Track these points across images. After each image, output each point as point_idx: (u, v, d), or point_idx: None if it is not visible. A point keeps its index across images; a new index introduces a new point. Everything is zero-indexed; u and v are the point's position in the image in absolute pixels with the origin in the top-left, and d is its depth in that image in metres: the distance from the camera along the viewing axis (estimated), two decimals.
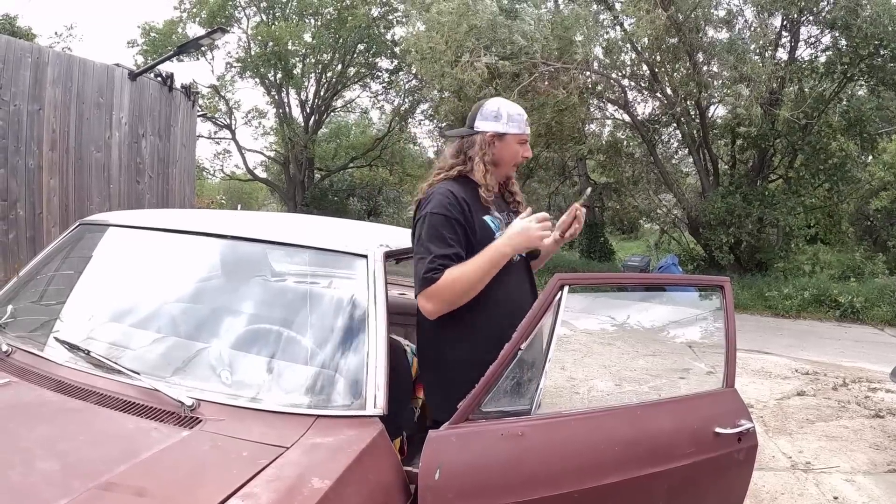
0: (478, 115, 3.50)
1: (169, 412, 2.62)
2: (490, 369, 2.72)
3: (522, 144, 3.49)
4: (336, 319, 3.10)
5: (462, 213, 3.22)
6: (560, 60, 18.82)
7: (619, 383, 8.93)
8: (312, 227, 4.07)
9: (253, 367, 2.97)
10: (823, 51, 21.17)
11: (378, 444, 2.58)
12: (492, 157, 3.42)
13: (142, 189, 9.05)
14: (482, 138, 3.43)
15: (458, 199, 3.23)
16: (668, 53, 20.62)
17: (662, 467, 3.07)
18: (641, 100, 23.00)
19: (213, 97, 31.66)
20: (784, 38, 21.28)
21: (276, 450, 2.40)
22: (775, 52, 20.96)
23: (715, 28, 20.61)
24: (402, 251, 3.50)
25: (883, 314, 17.24)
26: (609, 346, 10.72)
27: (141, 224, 3.73)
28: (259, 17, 30.28)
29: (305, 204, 30.91)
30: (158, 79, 9.56)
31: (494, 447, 2.68)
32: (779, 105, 19.94)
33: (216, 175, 36.72)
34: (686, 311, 5.17)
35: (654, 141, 22.70)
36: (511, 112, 3.46)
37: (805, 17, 20.29)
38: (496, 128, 3.43)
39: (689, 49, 19.69)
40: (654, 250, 26.94)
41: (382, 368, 2.80)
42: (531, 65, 18.70)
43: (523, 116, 3.51)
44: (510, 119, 3.45)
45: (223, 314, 3.31)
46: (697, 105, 20.67)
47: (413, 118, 32.76)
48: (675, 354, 10.18)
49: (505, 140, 3.44)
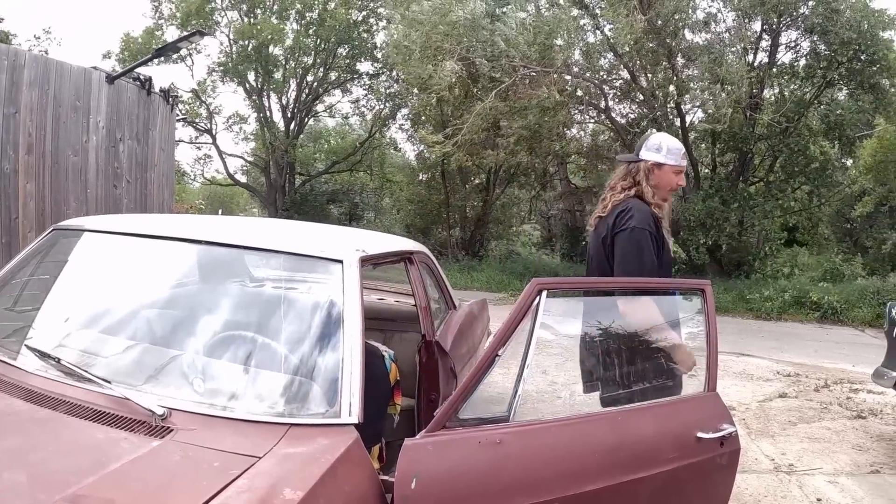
0: (643, 145, 4.24)
1: (140, 421, 2.56)
2: (467, 376, 2.69)
3: (678, 174, 4.16)
4: (311, 325, 3.04)
5: (657, 228, 4.00)
6: (540, 64, 18.84)
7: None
8: (289, 231, 4.03)
9: (226, 374, 2.92)
10: (804, 56, 21.32)
11: (353, 453, 2.52)
12: (654, 182, 4.12)
13: (119, 194, 8.95)
14: (645, 165, 4.15)
15: (654, 217, 4.02)
16: (648, 57, 20.70)
17: (644, 473, 3.04)
18: (621, 104, 23.07)
19: (193, 102, 31.54)
20: (764, 42, 21.41)
21: (248, 460, 2.35)
22: (755, 56, 21.08)
23: (694, 32, 20.67)
24: (380, 256, 3.46)
25: (863, 315, 17.36)
26: None
27: (115, 229, 3.67)
28: (239, 20, 30.19)
29: (286, 208, 30.82)
30: (136, 82, 9.45)
31: (472, 455, 2.63)
32: (759, 109, 20.05)
33: (197, 180, 36.58)
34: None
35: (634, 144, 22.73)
36: (670, 146, 4.17)
37: (784, 22, 20.41)
38: (657, 158, 4.14)
39: (668, 53, 19.75)
40: None
41: (357, 375, 2.74)
42: (511, 68, 18.71)
43: (681, 151, 4.17)
44: (669, 152, 4.14)
45: (197, 320, 3.25)
46: (677, 108, 20.75)
47: (394, 122, 32.76)
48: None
49: (663, 169, 4.13)
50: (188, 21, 27.48)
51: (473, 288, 20.98)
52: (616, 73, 22.14)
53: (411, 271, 4.22)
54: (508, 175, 28.34)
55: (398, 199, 32.46)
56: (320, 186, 35.44)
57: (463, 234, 29.18)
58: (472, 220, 29.39)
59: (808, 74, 20.74)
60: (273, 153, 31.39)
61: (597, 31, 21.71)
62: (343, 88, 32.94)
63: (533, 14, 21.73)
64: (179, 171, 32.01)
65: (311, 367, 2.87)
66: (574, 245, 28.68)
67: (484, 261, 26.77)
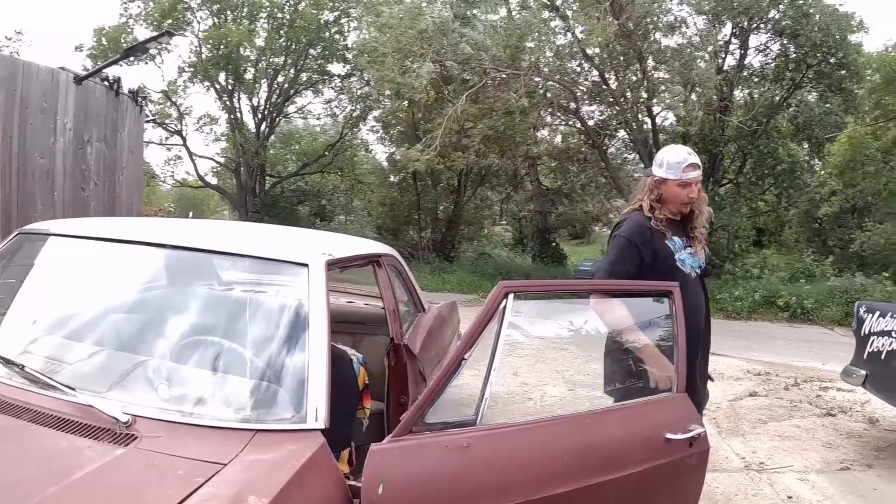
0: (654, 160, 4.39)
1: (104, 429, 2.53)
2: (433, 380, 2.68)
3: (684, 187, 4.23)
4: (276, 330, 3.03)
5: (643, 237, 4.18)
6: (511, 66, 18.87)
7: (572, 388, 8.91)
8: (255, 235, 4.01)
9: (191, 380, 2.89)
10: (774, 58, 21.51)
11: (319, 458, 2.50)
12: (657, 196, 4.27)
13: (87, 196, 8.86)
14: (650, 181, 4.31)
15: (642, 228, 4.21)
16: (619, 60, 20.78)
17: (614, 475, 3.05)
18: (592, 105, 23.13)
19: (164, 103, 31.29)
20: (733, 46, 21.56)
21: (213, 467, 2.32)
22: (725, 59, 21.23)
23: (664, 35, 20.80)
24: (347, 259, 3.44)
25: (832, 314, 17.55)
26: (562, 351, 10.69)
27: (81, 233, 3.63)
28: (211, 21, 30.01)
29: (256, 210, 30.61)
30: (105, 83, 9.36)
31: (439, 459, 2.62)
32: (729, 111, 20.19)
33: (166, 182, 36.30)
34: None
35: (604, 146, 22.84)
36: (670, 160, 4.26)
37: (755, 26, 20.58)
38: (659, 173, 4.27)
39: (639, 56, 19.84)
40: None
41: (324, 380, 2.72)
42: (482, 70, 18.72)
43: (682, 164, 4.22)
44: (668, 167, 4.24)
45: (161, 326, 3.22)
46: (648, 111, 20.86)
47: (364, 124, 32.66)
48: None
49: (667, 184, 4.24)
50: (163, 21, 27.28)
51: (444, 290, 20.97)
52: (586, 76, 22.20)
53: (379, 274, 4.21)
54: (479, 177, 28.32)
55: (369, 200, 32.35)
56: (291, 188, 35.28)
57: (434, 235, 29.13)
58: (443, 221, 29.35)
59: (778, 77, 20.93)
60: (244, 155, 31.17)
61: (568, 33, 21.77)
62: (314, 90, 32.80)
63: (504, 17, 21.79)
64: (149, 173, 31.70)
65: (277, 372, 2.85)
66: (545, 246, 28.69)
67: (455, 262, 26.76)
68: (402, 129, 26.97)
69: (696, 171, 4.25)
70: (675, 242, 4.25)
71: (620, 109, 20.90)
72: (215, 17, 29.93)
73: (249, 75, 30.57)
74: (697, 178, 4.26)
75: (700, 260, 4.36)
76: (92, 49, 28.27)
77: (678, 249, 4.26)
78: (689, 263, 4.28)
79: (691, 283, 4.21)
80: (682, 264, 4.25)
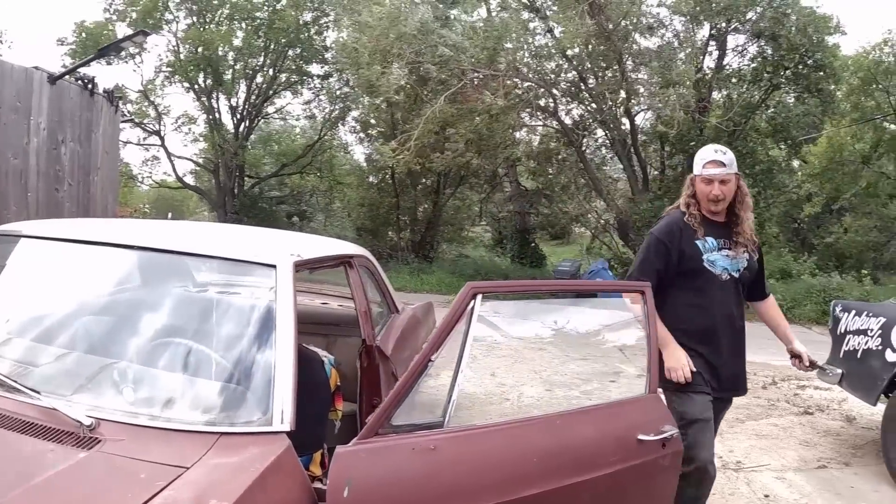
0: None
1: (67, 433, 2.50)
2: (399, 381, 2.66)
3: (707, 184, 4.34)
4: (243, 332, 3.00)
5: (671, 236, 4.34)
6: (489, 67, 18.87)
7: (549, 388, 8.91)
8: (225, 236, 3.98)
9: (156, 382, 2.86)
10: (751, 59, 21.63)
11: (284, 461, 2.48)
12: (692, 193, 4.43)
13: (61, 197, 8.78)
14: (689, 178, 4.51)
15: (673, 227, 4.38)
16: (597, 60, 20.82)
17: (585, 476, 3.05)
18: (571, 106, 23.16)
19: (141, 102, 31.12)
20: (711, 47, 21.65)
21: (175, 470, 2.30)
22: (703, 60, 21.32)
23: (643, 36, 20.85)
24: (317, 260, 3.42)
25: (809, 313, 17.67)
26: (540, 351, 10.70)
27: (51, 235, 3.60)
28: (190, 20, 29.89)
29: (235, 211, 30.44)
30: (80, 83, 9.29)
31: (406, 462, 2.60)
32: (707, 112, 20.28)
33: (144, 182, 36.08)
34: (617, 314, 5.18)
35: (583, 147, 22.89)
36: (697, 157, 4.45)
37: (733, 27, 20.68)
38: (694, 171, 4.44)
39: (617, 56, 19.89)
40: (585, 255, 27.12)
41: (290, 382, 2.69)
42: (460, 71, 18.72)
43: (705, 160, 4.37)
44: (696, 163, 4.43)
45: (128, 328, 3.19)
46: (626, 111, 20.91)
47: (344, 125, 32.59)
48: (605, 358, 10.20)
49: (696, 180, 4.41)
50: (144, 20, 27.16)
51: (423, 290, 20.94)
52: (565, 76, 22.22)
53: (351, 275, 4.18)
54: (459, 177, 28.29)
55: (348, 201, 32.24)
56: (270, 189, 35.15)
57: (413, 236, 29.07)
58: (422, 222, 29.30)
59: (756, 78, 21.03)
60: (222, 155, 31.03)
61: (547, 33, 21.78)
62: (293, 90, 32.71)
63: (482, 17, 21.79)
64: (127, 174, 31.52)
65: (243, 375, 2.83)
66: (524, 247, 28.71)
67: (434, 263, 26.73)
68: (381, 129, 26.90)
69: (719, 169, 4.31)
70: (706, 243, 4.34)
71: (599, 110, 20.93)
72: (194, 16, 29.80)
73: (228, 76, 30.45)
74: (718, 176, 4.31)
75: (739, 264, 4.40)
76: (73, 45, 28.09)
77: (709, 250, 4.34)
78: (720, 265, 4.35)
79: (720, 284, 4.35)
80: (711, 265, 4.33)
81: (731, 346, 4.40)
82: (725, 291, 4.36)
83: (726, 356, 4.37)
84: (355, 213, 30.80)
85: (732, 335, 4.42)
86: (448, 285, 22.18)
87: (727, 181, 4.32)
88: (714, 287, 4.33)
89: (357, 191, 30.63)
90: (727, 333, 4.37)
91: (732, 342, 4.42)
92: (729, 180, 4.33)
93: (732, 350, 4.42)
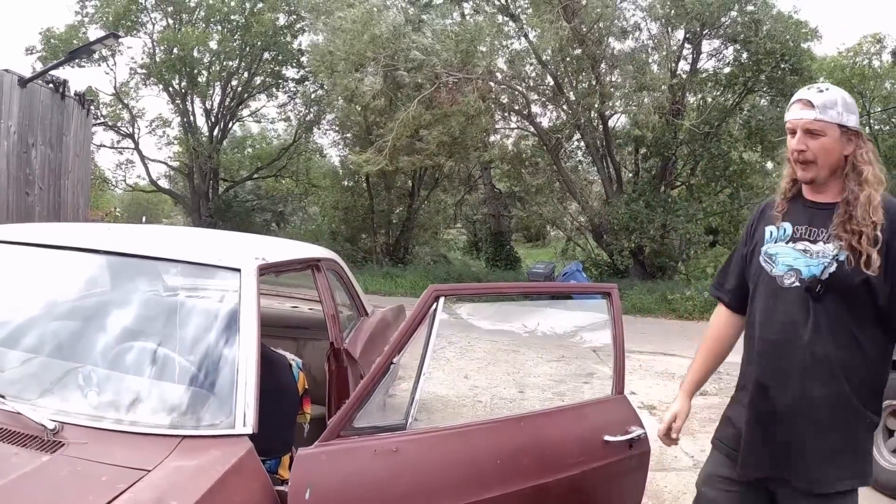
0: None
1: (31, 436, 2.49)
2: (361, 383, 2.68)
3: (791, 135, 2.85)
4: (206, 335, 3.00)
5: (749, 225, 3.13)
6: (463, 71, 18.93)
7: (522, 390, 8.96)
8: (191, 240, 3.98)
9: (120, 386, 2.85)
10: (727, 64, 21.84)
11: (245, 464, 2.49)
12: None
13: (32, 201, 8.76)
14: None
15: (760, 211, 3.10)
16: (572, 64, 20.93)
17: (550, 478, 3.06)
18: (545, 110, 23.27)
19: (115, 105, 30.97)
20: (686, 51, 21.82)
21: (137, 473, 2.30)
22: (678, 64, 21.48)
23: (618, 39, 21.02)
24: (282, 264, 3.44)
25: None
26: (514, 353, 10.76)
27: (15, 239, 3.59)
28: (165, 22, 29.78)
29: (210, 215, 30.33)
30: (51, 85, 9.26)
31: (368, 464, 2.62)
32: (681, 115, 20.43)
33: (118, 186, 35.90)
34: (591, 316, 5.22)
35: (558, 150, 23.00)
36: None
37: (708, 32, 20.85)
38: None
39: (592, 60, 20.00)
40: (559, 257, 27.21)
41: (252, 385, 2.70)
42: (433, 75, 18.76)
43: (794, 99, 2.88)
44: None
45: (92, 332, 3.18)
46: (600, 115, 21.04)
47: (318, 128, 32.56)
48: (579, 360, 10.26)
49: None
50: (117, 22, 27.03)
51: (397, 293, 20.93)
52: (541, 80, 22.32)
53: (318, 279, 4.20)
54: (433, 180, 28.31)
55: (323, 205, 32.17)
56: (245, 192, 35.10)
57: (388, 239, 29.06)
58: (397, 225, 29.30)
59: (730, 82, 21.22)
60: (197, 158, 30.90)
61: (522, 37, 21.88)
62: (268, 93, 32.65)
63: (456, 21, 21.84)
64: (101, 177, 31.37)
65: (206, 378, 2.83)
66: (499, 250, 28.77)
67: (409, 266, 26.74)
68: (355, 132, 26.87)
69: (805, 112, 2.79)
70: (774, 231, 2.93)
71: (573, 113, 21.03)
72: (170, 18, 29.70)
73: (203, 78, 30.35)
74: (800, 123, 2.79)
75: (821, 264, 2.74)
76: (41, 52, 27.92)
77: (772, 240, 2.92)
78: (782, 263, 2.86)
79: (777, 292, 2.85)
80: (767, 261, 2.91)
81: (788, 406, 2.78)
82: (788, 306, 2.80)
83: (766, 420, 2.86)
84: (330, 216, 30.73)
85: (795, 384, 2.77)
86: (422, 288, 21.94)
87: (818, 133, 2.75)
88: (767, 297, 2.89)
89: (332, 194, 30.54)
90: (781, 380, 2.81)
91: (793, 399, 2.77)
92: (821, 132, 2.75)
93: (790, 412, 2.78)
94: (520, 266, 28.03)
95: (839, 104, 2.74)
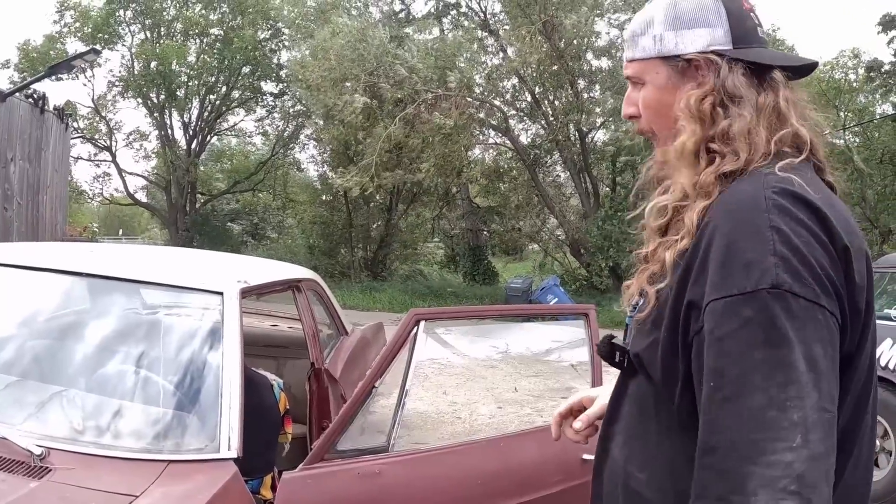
0: None
1: (18, 462, 2.49)
2: (344, 407, 2.72)
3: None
4: (190, 359, 3.02)
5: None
6: (442, 87, 19.02)
7: (500, 406, 8.98)
8: (173, 262, 4.00)
9: (105, 410, 2.87)
10: None
11: (231, 488, 2.50)
12: None
13: (10, 217, 8.72)
14: None
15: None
16: (551, 80, 21.07)
17: (529, 497, 3.09)
18: (524, 126, 23.39)
19: (93, 118, 30.86)
20: None
21: (124, 499, 2.32)
22: None
23: (596, 57, 21.18)
24: (264, 286, 3.46)
25: None
26: (492, 369, 10.78)
27: None
28: (143, 35, 29.72)
29: (187, 229, 30.24)
30: (30, 100, 9.24)
31: (351, 487, 2.65)
32: None
33: (95, 199, 35.70)
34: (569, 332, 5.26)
35: (536, 165, 23.12)
36: None
37: None
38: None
39: (570, 77, 20.14)
40: (537, 272, 27.25)
41: (237, 409, 2.72)
42: (413, 91, 18.84)
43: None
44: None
45: (77, 355, 3.19)
46: (578, 131, 21.19)
47: (297, 143, 32.55)
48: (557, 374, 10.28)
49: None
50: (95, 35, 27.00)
51: (376, 309, 20.92)
52: (520, 96, 22.44)
53: (299, 299, 4.23)
54: (412, 194, 28.31)
55: (301, 219, 32.09)
56: (222, 206, 34.99)
57: (365, 253, 29.01)
58: (375, 240, 29.27)
59: None
60: (174, 172, 30.80)
61: (500, 52, 22.00)
62: (246, 107, 32.62)
63: (436, 36, 21.95)
64: (77, 190, 31.20)
65: (191, 402, 2.85)
66: (476, 264, 28.74)
67: (387, 281, 26.72)
68: (332, 147, 26.83)
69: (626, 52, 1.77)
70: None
71: (551, 129, 21.15)
72: (148, 31, 29.65)
73: (181, 92, 30.29)
74: (625, 72, 1.72)
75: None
76: (18, 65, 27.83)
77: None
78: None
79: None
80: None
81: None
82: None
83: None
84: (308, 230, 30.68)
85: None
86: (400, 303, 22.14)
87: (636, 81, 1.64)
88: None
89: (310, 208, 30.50)
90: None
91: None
92: (637, 78, 1.63)
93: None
94: (497, 280, 28.05)
95: (657, 21, 1.56)
